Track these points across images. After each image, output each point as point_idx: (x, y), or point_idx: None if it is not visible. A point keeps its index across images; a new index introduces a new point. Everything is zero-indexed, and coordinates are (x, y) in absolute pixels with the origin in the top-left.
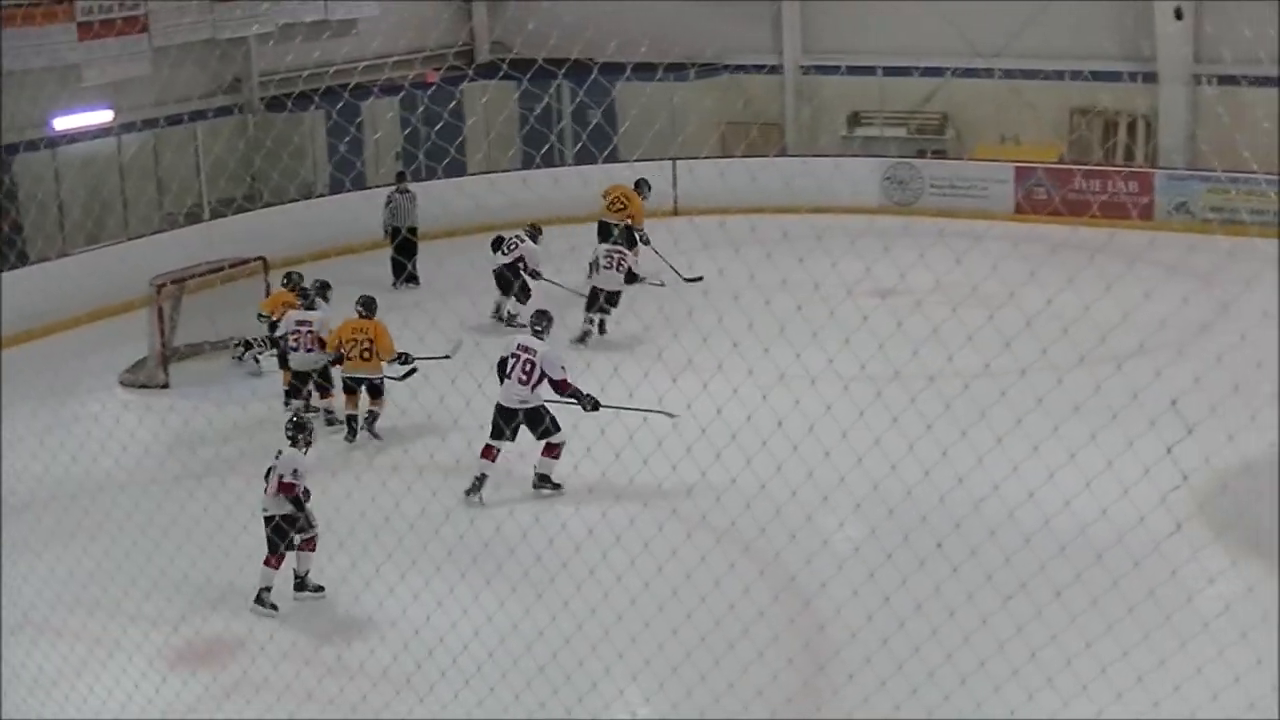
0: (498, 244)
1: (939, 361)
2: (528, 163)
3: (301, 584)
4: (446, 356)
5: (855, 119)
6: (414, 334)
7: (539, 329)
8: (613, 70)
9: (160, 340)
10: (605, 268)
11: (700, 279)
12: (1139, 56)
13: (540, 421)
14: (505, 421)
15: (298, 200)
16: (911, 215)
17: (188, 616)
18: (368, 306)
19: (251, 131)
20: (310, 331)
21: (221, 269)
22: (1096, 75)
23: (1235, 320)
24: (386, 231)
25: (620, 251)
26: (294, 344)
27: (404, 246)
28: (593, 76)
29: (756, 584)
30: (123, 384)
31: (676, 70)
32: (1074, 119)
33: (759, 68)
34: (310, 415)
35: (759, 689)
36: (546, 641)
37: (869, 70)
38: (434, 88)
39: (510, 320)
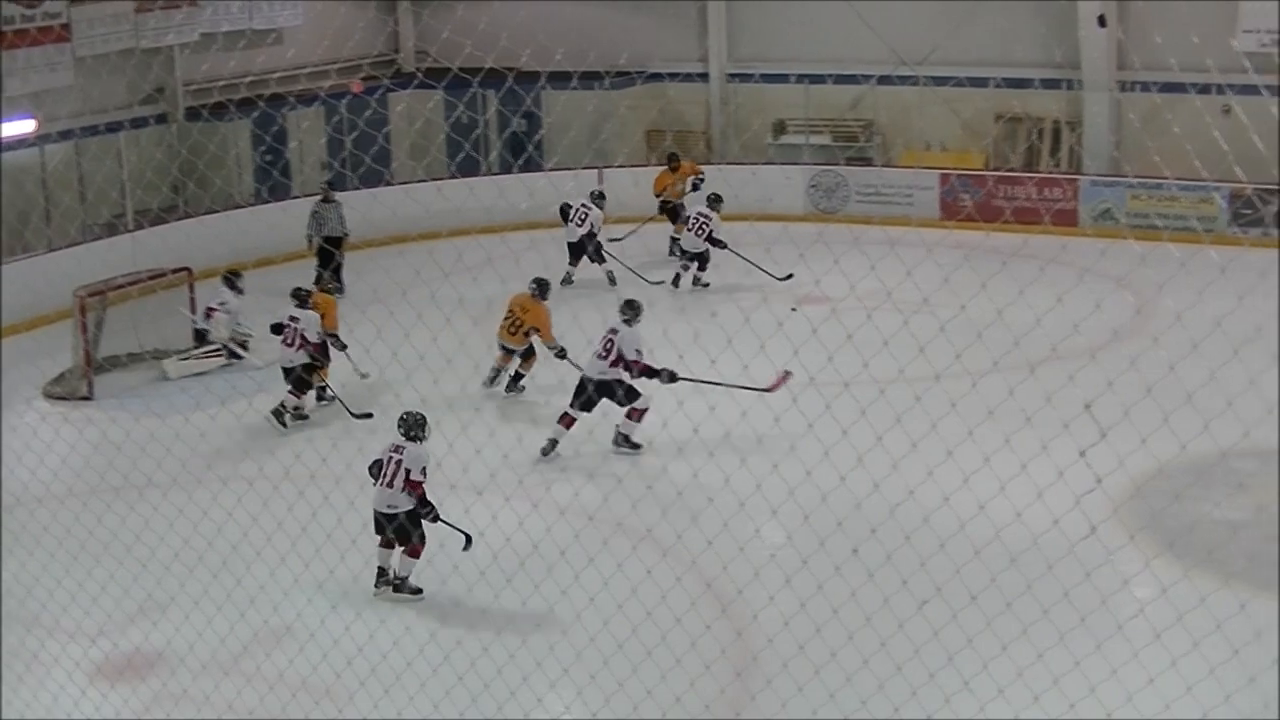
0: (565, 213)
1: (854, 368)
2: (448, 171)
3: (400, 585)
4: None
5: (780, 126)
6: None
7: (626, 318)
8: (534, 78)
9: (84, 352)
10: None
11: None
12: (1063, 63)
13: (614, 393)
14: (581, 392)
15: (219, 211)
16: (836, 222)
17: (106, 629)
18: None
19: (173, 141)
20: (297, 329)
21: (145, 280)
22: (1020, 82)
23: (1147, 323)
24: (310, 241)
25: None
26: (287, 340)
27: (326, 255)
28: (507, 84)
29: (674, 590)
30: (45, 396)
31: (598, 77)
32: (998, 125)
33: (683, 75)
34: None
35: (677, 695)
36: (465, 650)
37: (793, 78)
38: (355, 96)
39: (568, 280)
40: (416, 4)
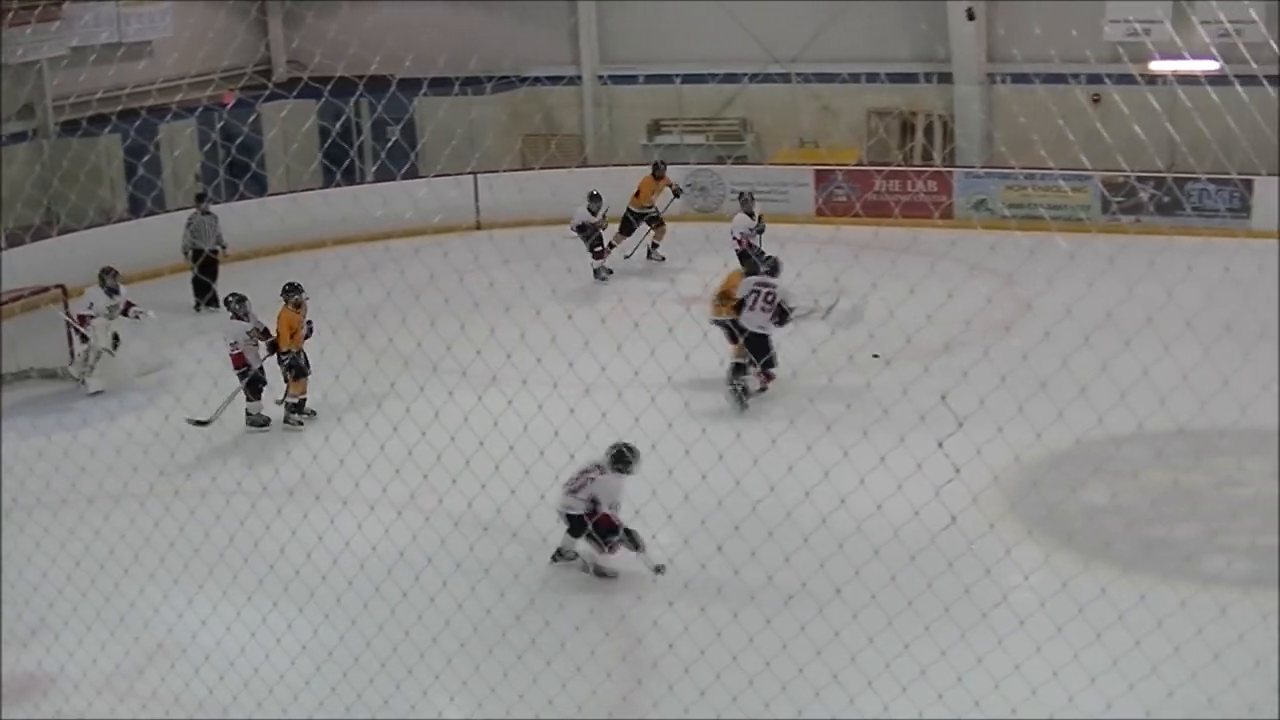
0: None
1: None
2: (328, 180)
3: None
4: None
5: (655, 127)
6: (218, 357)
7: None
8: (411, 85)
9: None
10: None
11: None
12: (934, 58)
13: (766, 350)
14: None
15: (97, 225)
16: (714, 221)
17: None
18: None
19: (47, 155)
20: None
21: (20, 297)
22: (893, 77)
23: (1039, 318)
24: (187, 253)
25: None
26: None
27: (206, 267)
28: (391, 91)
29: (573, 599)
30: None
31: (474, 83)
32: (872, 121)
33: (557, 79)
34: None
35: (579, 704)
36: (363, 667)
37: (667, 79)
38: (232, 107)
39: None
40: (298, 5)
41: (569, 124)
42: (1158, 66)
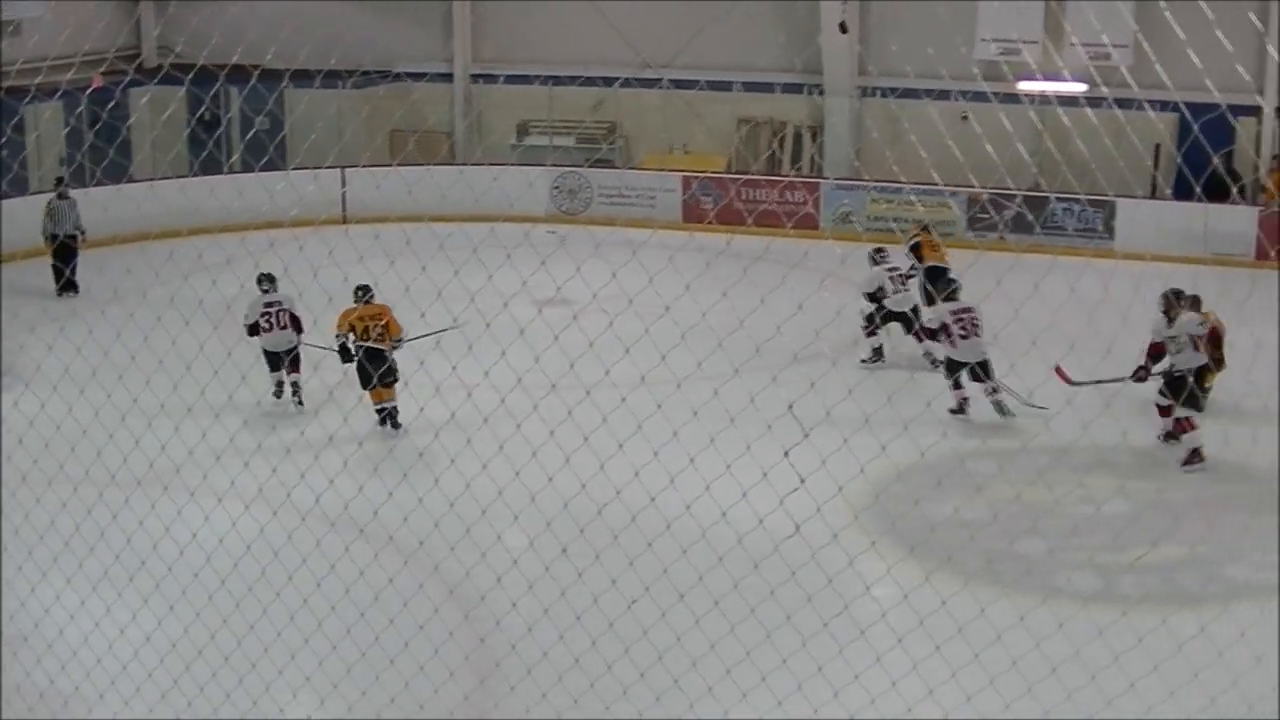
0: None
1: (596, 374)
2: (192, 169)
3: None
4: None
5: (524, 128)
6: (70, 344)
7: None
8: (279, 76)
9: None
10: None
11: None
12: (805, 68)
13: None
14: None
15: None
16: (579, 224)
17: None
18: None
19: None
20: (283, 309)
21: None
22: (764, 86)
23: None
24: (47, 237)
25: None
26: (267, 325)
27: (64, 254)
28: (253, 82)
29: (417, 597)
30: None
31: (342, 76)
32: (741, 129)
33: (427, 75)
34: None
35: (420, 703)
36: (206, 660)
37: (538, 79)
38: (97, 90)
39: None
40: None
41: (437, 120)
42: (1026, 86)
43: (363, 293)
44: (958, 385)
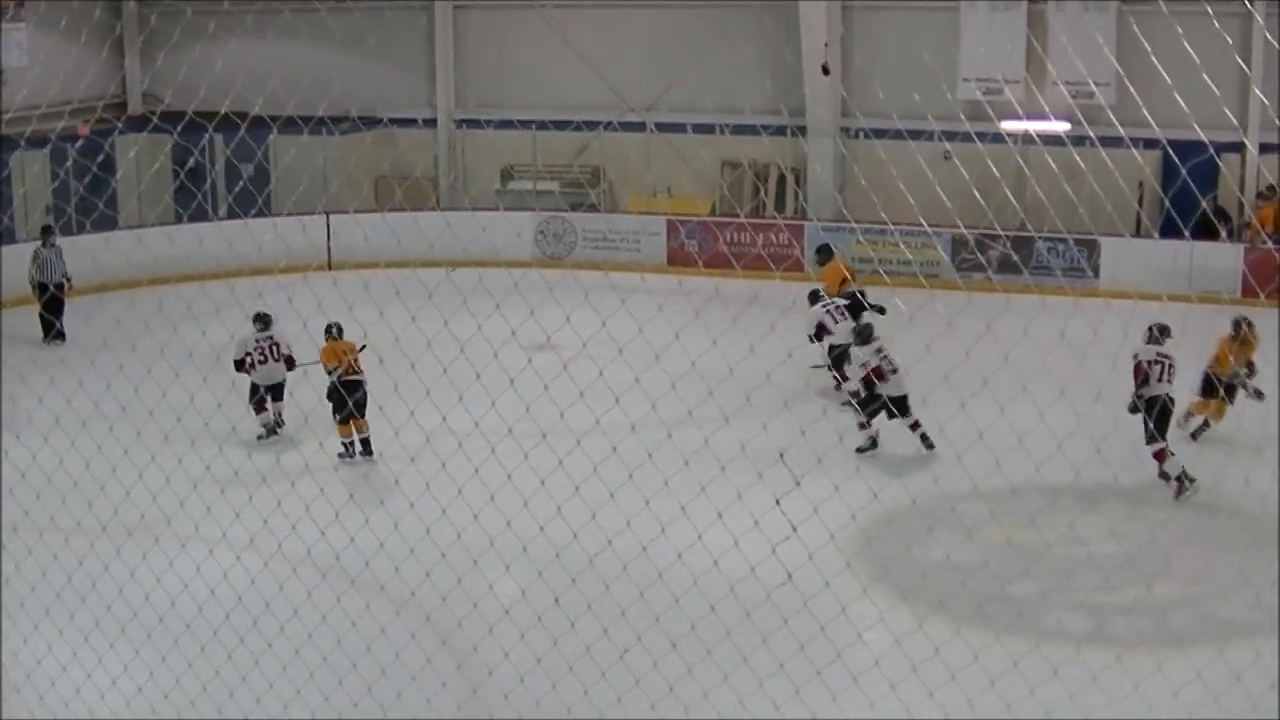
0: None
1: (587, 421)
2: (179, 217)
3: None
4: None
5: (508, 173)
6: (60, 394)
7: None
8: (264, 124)
9: None
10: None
11: None
12: (789, 111)
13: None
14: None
15: None
16: (564, 269)
17: None
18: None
19: None
20: (273, 344)
21: None
22: (747, 129)
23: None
24: (34, 286)
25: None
26: (261, 357)
27: (52, 303)
28: (241, 133)
29: (409, 647)
30: None
31: (328, 124)
32: (725, 172)
33: (412, 121)
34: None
35: None
36: (198, 709)
37: (522, 124)
38: (84, 139)
39: None
40: (153, 39)
41: (422, 166)
42: (1010, 126)
43: (336, 330)
44: (868, 423)
